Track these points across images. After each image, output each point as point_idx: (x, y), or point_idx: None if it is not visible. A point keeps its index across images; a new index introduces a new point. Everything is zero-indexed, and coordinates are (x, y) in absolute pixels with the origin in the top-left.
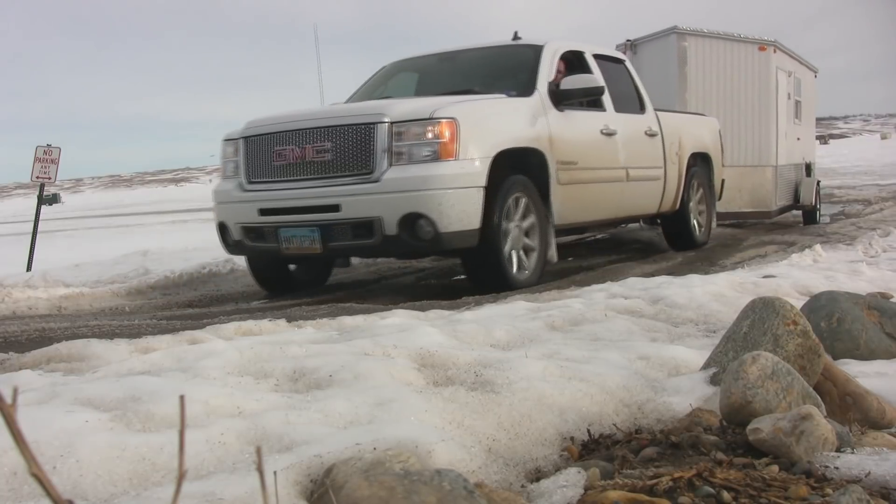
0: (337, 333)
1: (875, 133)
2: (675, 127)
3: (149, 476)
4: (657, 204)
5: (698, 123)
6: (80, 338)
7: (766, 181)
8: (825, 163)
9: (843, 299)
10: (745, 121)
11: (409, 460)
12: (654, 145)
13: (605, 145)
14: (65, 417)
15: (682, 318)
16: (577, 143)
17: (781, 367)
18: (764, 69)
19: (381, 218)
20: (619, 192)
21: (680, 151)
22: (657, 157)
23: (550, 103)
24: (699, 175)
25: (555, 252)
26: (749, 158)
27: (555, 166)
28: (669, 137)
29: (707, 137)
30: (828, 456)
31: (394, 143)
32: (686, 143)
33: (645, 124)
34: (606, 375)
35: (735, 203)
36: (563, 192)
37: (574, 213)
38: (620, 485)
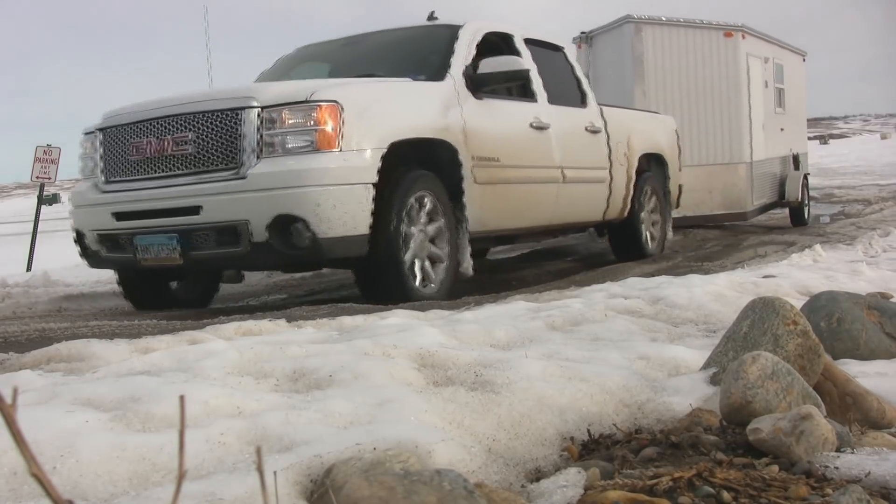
0: (337, 333)
1: (875, 133)
2: (622, 124)
3: (149, 476)
4: (602, 210)
5: (651, 122)
6: (80, 338)
7: (739, 180)
8: (825, 163)
9: (843, 299)
10: (712, 115)
11: (409, 460)
12: (598, 143)
13: (536, 141)
14: (65, 417)
15: (682, 318)
16: (500, 137)
17: (781, 367)
18: (732, 57)
19: (247, 222)
20: (554, 196)
21: (629, 152)
22: (601, 156)
23: (466, 90)
24: (652, 180)
25: (470, 263)
26: (719, 156)
27: (470, 162)
28: (616, 135)
29: (661, 138)
30: (828, 456)
31: (264, 131)
32: (636, 143)
33: (586, 119)
34: (606, 375)
35: (706, 205)
36: (482, 194)
37: (496, 218)
38: (620, 485)
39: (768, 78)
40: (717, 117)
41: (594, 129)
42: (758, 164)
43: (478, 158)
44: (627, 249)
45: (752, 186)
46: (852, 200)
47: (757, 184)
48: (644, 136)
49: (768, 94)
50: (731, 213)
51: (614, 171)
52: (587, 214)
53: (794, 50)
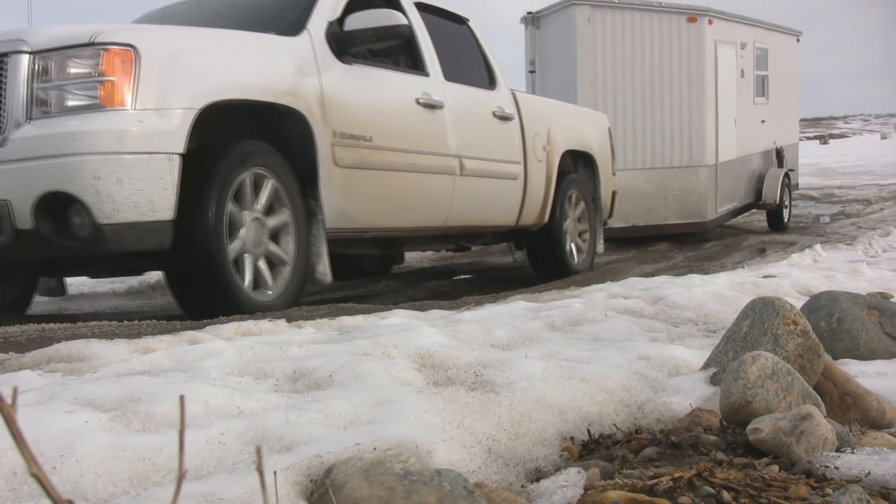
0: (337, 333)
1: (875, 133)
2: (541, 114)
3: (149, 476)
4: (514, 213)
5: (578, 115)
6: (80, 338)
7: (700, 185)
8: (825, 163)
9: (843, 299)
10: (671, 112)
11: (409, 460)
12: (509, 133)
13: (424, 121)
14: (64, 418)
15: (682, 318)
16: (374, 112)
17: (781, 366)
18: (696, 45)
19: (7, 202)
20: (449, 190)
21: (549, 146)
22: (512, 148)
23: (329, 51)
24: (579, 183)
25: (328, 268)
26: (676, 158)
27: (329, 139)
28: (533, 126)
29: (591, 135)
30: (828, 456)
31: (36, 84)
32: (558, 137)
33: (493, 103)
34: (606, 375)
35: (658, 213)
36: (346, 180)
37: (366, 211)
38: (620, 485)
39: (746, 66)
40: (677, 114)
41: (504, 116)
42: (725, 166)
43: (341, 135)
44: (548, 263)
45: (715, 191)
46: (852, 200)
47: (724, 187)
48: (568, 130)
49: (745, 84)
50: (688, 223)
51: (530, 166)
52: (495, 217)
53: (783, 31)
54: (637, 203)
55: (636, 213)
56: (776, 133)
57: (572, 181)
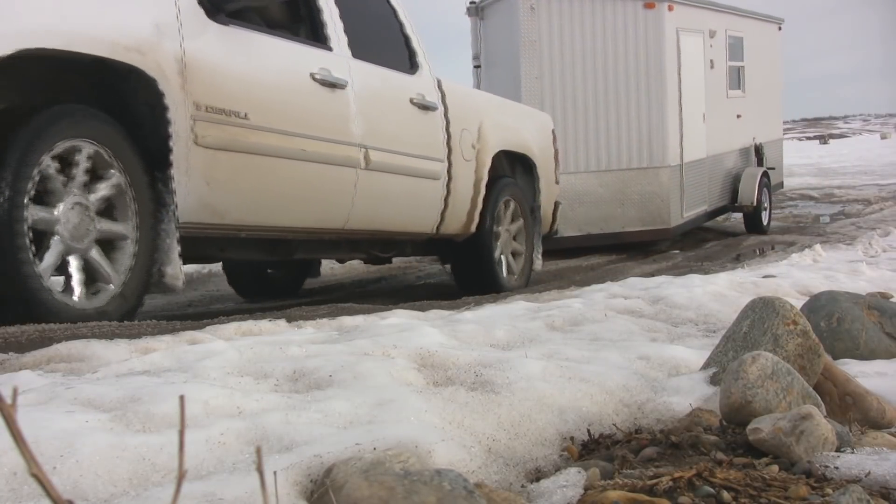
0: (337, 333)
1: (875, 133)
2: (472, 108)
3: (149, 476)
4: (435, 218)
5: (517, 113)
6: (80, 338)
7: (661, 188)
8: (825, 163)
9: (843, 299)
10: (627, 108)
11: (409, 460)
12: (430, 125)
13: (321, 101)
14: (64, 418)
15: (682, 318)
16: (253, 84)
17: (781, 366)
18: (654, 33)
19: None
20: (350, 186)
21: (479, 145)
22: (434, 143)
23: (199, 7)
24: (515, 189)
25: (180, 270)
26: (635, 159)
27: (189, 112)
28: (461, 120)
29: (531, 136)
30: (828, 456)
31: None
32: (491, 135)
33: (412, 89)
34: (606, 375)
35: (615, 220)
36: (210, 164)
37: (237, 205)
38: (620, 485)
39: (716, 56)
40: (634, 110)
41: (425, 105)
42: (693, 167)
43: (206, 108)
44: (474, 278)
45: (681, 194)
46: (852, 200)
47: (691, 190)
48: (504, 128)
49: (716, 75)
50: (649, 230)
51: (455, 165)
52: (410, 222)
53: (761, 18)
54: (592, 209)
55: (591, 221)
56: (755, 128)
57: (507, 186)
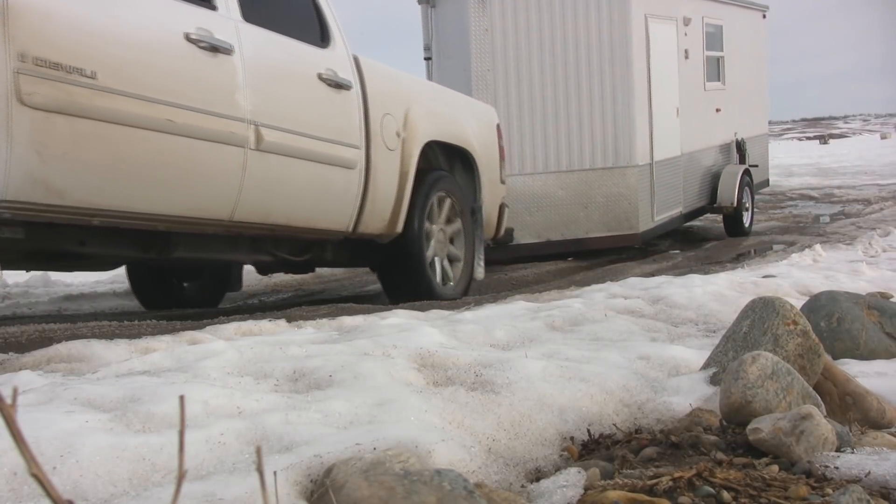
0: (337, 333)
1: (875, 133)
2: (397, 90)
3: (149, 476)
4: (350, 215)
5: (454, 101)
6: (80, 338)
7: (628, 189)
8: (825, 163)
9: (843, 299)
10: (590, 102)
11: (409, 460)
12: (343, 106)
13: (197, 65)
14: (65, 418)
15: (682, 318)
16: (105, 38)
17: (781, 366)
18: (620, 20)
19: None
20: (236, 168)
21: (406, 133)
22: (347, 126)
23: None
24: (451, 186)
25: None
26: (598, 158)
27: (12, 62)
28: (383, 103)
29: (471, 128)
30: (828, 456)
31: None
32: (420, 123)
33: (322, 64)
34: (606, 375)
35: (578, 225)
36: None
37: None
38: (620, 485)
39: (692, 45)
40: (598, 105)
41: (337, 83)
42: (665, 165)
43: (35, 61)
44: (401, 284)
45: (651, 196)
46: (852, 200)
47: (663, 191)
48: (437, 117)
49: (692, 66)
50: (616, 236)
51: (375, 154)
52: (318, 217)
53: (742, 5)
54: (551, 214)
55: (551, 226)
56: (737, 123)
57: (440, 180)
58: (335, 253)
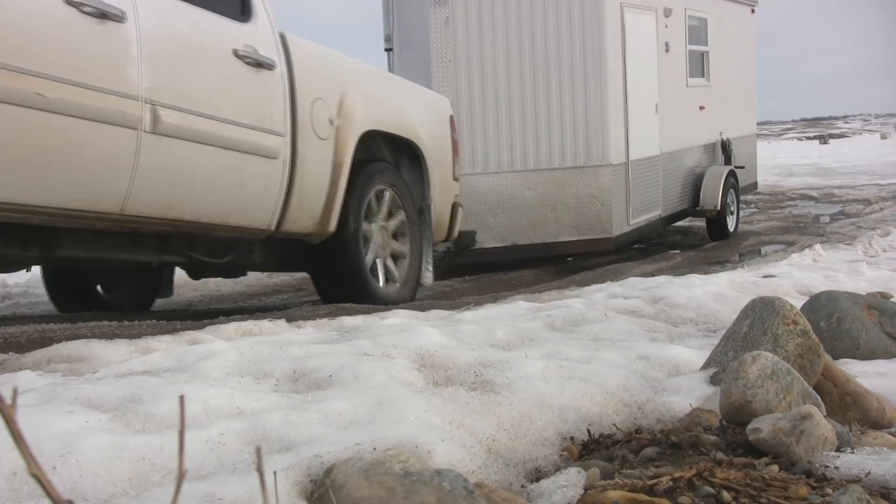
0: (337, 334)
1: (875, 133)
2: (330, 73)
3: (149, 476)
4: (272, 210)
5: (400, 89)
6: (80, 338)
7: (601, 190)
8: (825, 163)
9: (842, 299)
10: (559, 97)
11: (409, 460)
12: (264, 87)
13: (78, 32)
14: (64, 418)
15: (682, 318)
16: None
17: (781, 366)
18: (593, 10)
19: None
20: (127, 153)
21: (341, 121)
22: (269, 110)
23: None
24: (393, 177)
25: None
26: (568, 156)
27: None
28: (313, 87)
29: (419, 119)
30: (828, 456)
31: None
32: (358, 111)
33: (240, 39)
34: (606, 375)
35: (547, 228)
36: None
37: None
38: (620, 485)
39: (672, 38)
40: (568, 100)
41: (257, 61)
42: (642, 165)
43: None
44: (339, 288)
45: (626, 198)
46: (852, 200)
47: (640, 192)
48: (378, 104)
49: (672, 60)
50: (587, 240)
51: (303, 143)
52: (233, 212)
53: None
54: (518, 216)
55: (517, 230)
56: (722, 122)
57: (381, 172)
58: (265, 255)
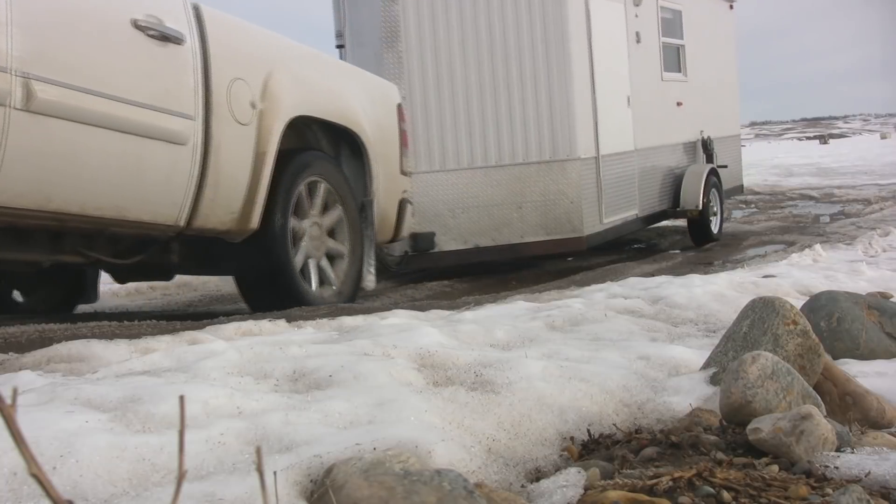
0: (337, 333)
1: (875, 133)
2: (251, 50)
3: (149, 476)
4: (180, 204)
5: (337, 72)
6: (80, 338)
7: (570, 186)
8: (825, 163)
9: (842, 299)
10: (521, 88)
11: (409, 460)
12: (170, 63)
13: None
14: (64, 418)
15: (682, 318)
16: None
17: (781, 366)
18: None
19: None
20: None
21: (265, 104)
22: (177, 89)
23: None
24: (326, 166)
25: None
26: (533, 150)
27: None
28: (231, 65)
29: (360, 105)
30: (828, 456)
31: None
32: (286, 93)
33: (139, 8)
34: (606, 375)
35: (513, 228)
36: None
37: None
38: (620, 485)
39: (644, 29)
40: (531, 90)
41: (163, 35)
42: (615, 160)
43: None
44: (266, 293)
45: (598, 195)
46: (852, 200)
47: (613, 189)
48: (310, 87)
49: (645, 52)
50: (557, 240)
51: (219, 128)
52: (129, 205)
53: None
54: (480, 216)
55: (480, 230)
56: (703, 121)
57: (313, 162)
58: (184, 255)
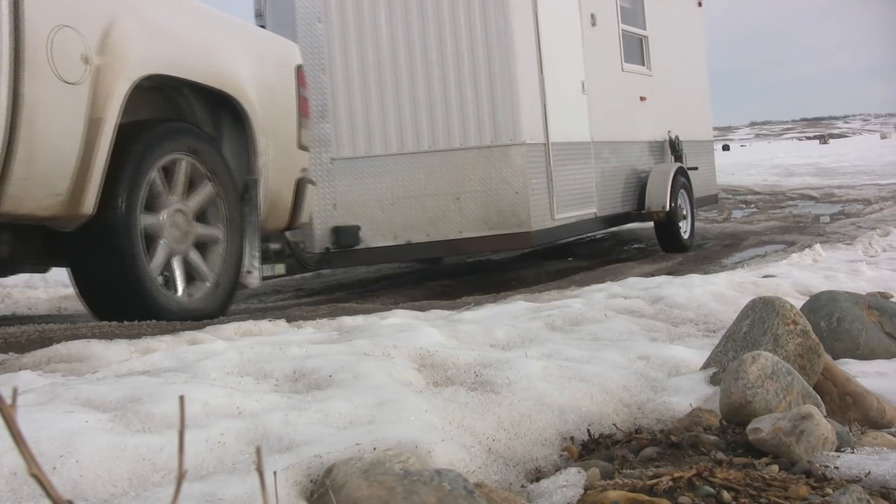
0: (337, 334)
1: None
2: None
3: (149, 476)
4: None
5: (212, 22)
6: (80, 338)
7: (514, 174)
8: (825, 163)
9: (842, 299)
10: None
11: (408, 460)
12: None
13: None
14: (64, 418)
15: (682, 318)
16: None
17: (781, 366)
18: None
19: None
20: None
21: (103, 59)
22: None
23: None
24: (194, 140)
25: None
26: (472, 135)
27: None
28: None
29: (243, 64)
30: (828, 456)
31: None
32: (132, 47)
33: None
34: (606, 375)
35: (450, 222)
36: None
37: None
38: (620, 485)
39: (601, 11)
40: (468, 68)
41: None
42: (567, 150)
43: None
44: (103, 296)
45: (548, 186)
46: (852, 200)
47: (567, 183)
48: (171, 40)
49: (603, 36)
50: (500, 236)
51: (32, 87)
52: None
53: None
54: (412, 208)
55: (412, 224)
56: (671, 121)
57: (172, 134)
58: (17, 247)
